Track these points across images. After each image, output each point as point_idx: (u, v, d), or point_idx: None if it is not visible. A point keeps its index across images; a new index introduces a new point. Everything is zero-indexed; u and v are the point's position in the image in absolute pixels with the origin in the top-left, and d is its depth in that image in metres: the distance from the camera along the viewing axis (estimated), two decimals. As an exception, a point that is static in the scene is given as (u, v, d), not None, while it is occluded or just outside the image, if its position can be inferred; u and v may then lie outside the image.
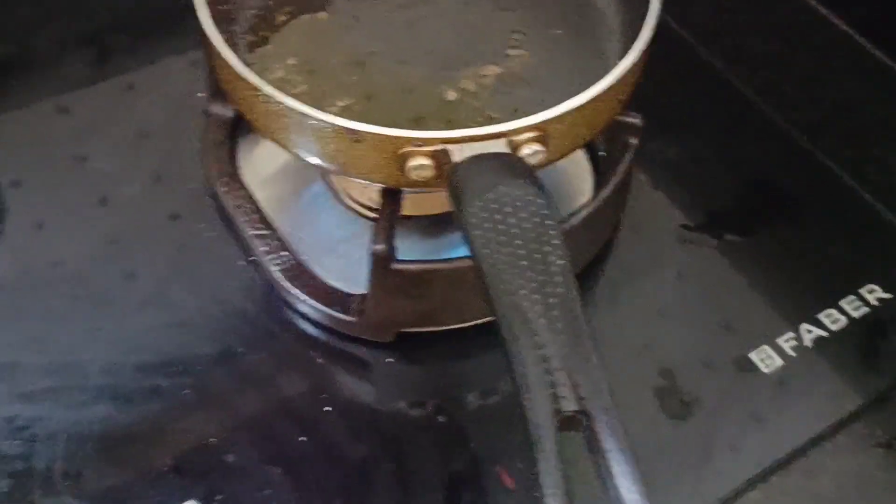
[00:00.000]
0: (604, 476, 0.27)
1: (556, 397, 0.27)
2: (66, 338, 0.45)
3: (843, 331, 0.47)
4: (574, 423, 0.28)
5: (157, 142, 0.53)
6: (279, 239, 0.47)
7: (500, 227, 0.32)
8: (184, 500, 0.39)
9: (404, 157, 0.37)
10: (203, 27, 0.40)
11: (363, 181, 0.42)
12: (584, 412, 0.27)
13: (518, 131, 0.37)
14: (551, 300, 0.30)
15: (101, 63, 0.57)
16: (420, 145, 0.37)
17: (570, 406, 0.27)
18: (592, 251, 0.48)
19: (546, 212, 0.32)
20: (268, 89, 0.38)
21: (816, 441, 0.43)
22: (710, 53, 0.59)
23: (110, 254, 0.48)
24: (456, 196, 0.33)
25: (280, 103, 0.38)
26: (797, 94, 0.57)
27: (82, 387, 0.43)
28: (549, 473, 0.26)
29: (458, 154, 0.36)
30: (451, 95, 0.44)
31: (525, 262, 0.31)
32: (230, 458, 0.41)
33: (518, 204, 0.32)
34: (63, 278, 0.47)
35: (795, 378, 0.45)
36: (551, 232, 0.31)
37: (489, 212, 0.32)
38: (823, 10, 0.61)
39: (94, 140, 0.53)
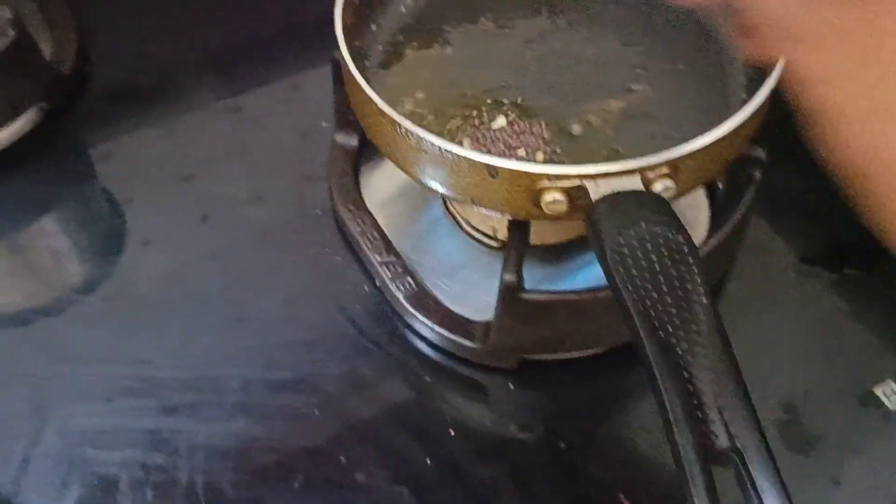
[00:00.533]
0: (756, 513, 0.27)
1: (707, 433, 0.28)
2: (205, 353, 0.47)
3: (969, 367, 0.46)
4: (725, 460, 0.28)
5: (282, 166, 0.55)
6: (403, 265, 0.49)
7: (642, 263, 0.33)
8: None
9: (539, 192, 0.39)
10: (345, 62, 0.42)
11: (492, 213, 0.43)
12: (735, 449, 0.28)
13: (652, 168, 0.38)
14: (697, 337, 0.30)
15: (221, 90, 0.60)
16: (555, 181, 0.38)
17: (721, 443, 0.28)
18: (710, 283, 0.48)
19: (686, 249, 0.33)
20: (407, 124, 0.40)
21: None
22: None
23: (244, 273, 0.50)
24: (596, 233, 0.34)
25: (420, 137, 0.40)
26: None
27: (220, 403, 0.45)
28: (702, 509, 0.26)
29: (595, 190, 0.37)
30: (577, 129, 0.45)
31: (669, 299, 0.31)
32: (360, 476, 0.43)
33: (659, 241, 0.33)
34: (202, 291, 0.50)
35: (920, 416, 0.45)
36: (693, 269, 0.32)
37: (631, 249, 0.33)
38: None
39: (240, 167, 0.56)
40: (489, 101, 0.46)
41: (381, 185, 0.54)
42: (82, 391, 0.46)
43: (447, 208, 0.52)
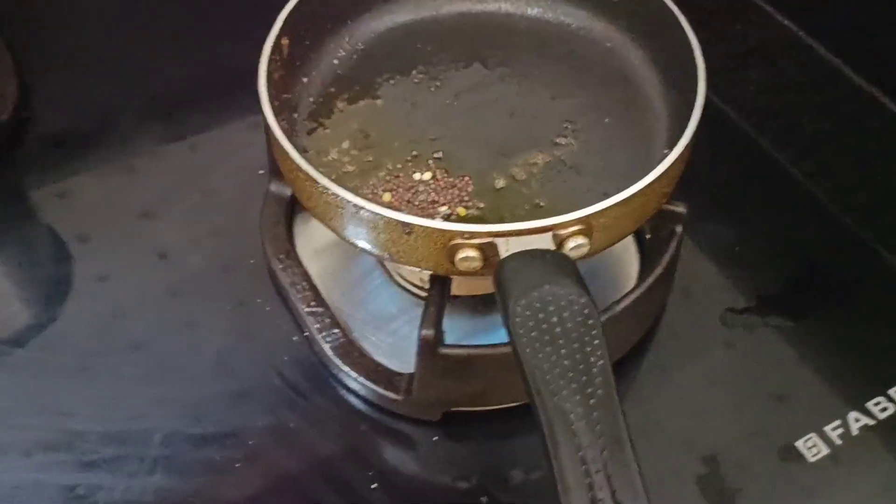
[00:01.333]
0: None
1: (594, 499, 0.28)
2: (130, 405, 0.47)
3: (891, 419, 0.47)
4: (611, 528, 0.28)
5: (217, 212, 0.55)
6: (331, 316, 0.49)
7: (543, 326, 0.33)
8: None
9: (453, 249, 0.39)
10: (266, 119, 0.43)
11: (413, 268, 0.43)
12: (620, 516, 0.28)
13: (563, 225, 0.38)
14: (592, 401, 0.30)
15: (169, 131, 0.60)
16: (468, 238, 0.38)
17: (607, 509, 0.28)
18: (637, 335, 0.49)
19: (588, 311, 0.33)
20: (325, 182, 0.40)
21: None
22: (759, 135, 0.59)
23: (173, 319, 0.50)
24: (501, 294, 0.35)
25: (336, 194, 0.40)
26: (848, 178, 0.57)
27: (141, 457, 0.45)
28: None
29: (505, 248, 0.38)
30: (501, 183, 0.46)
31: (567, 363, 0.32)
32: (279, 532, 0.43)
33: (562, 304, 0.33)
34: (127, 342, 0.49)
35: (842, 468, 0.45)
36: (593, 332, 0.32)
37: (533, 310, 0.33)
38: (876, 92, 0.61)
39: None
40: (415, 153, 0.47)
41: (314, 236, 0.54)
42: (2, 443, 0.45)
43: (379, 260, 0.52)
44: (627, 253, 0.52)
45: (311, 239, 0.53)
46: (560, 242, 0.39)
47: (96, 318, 0.51)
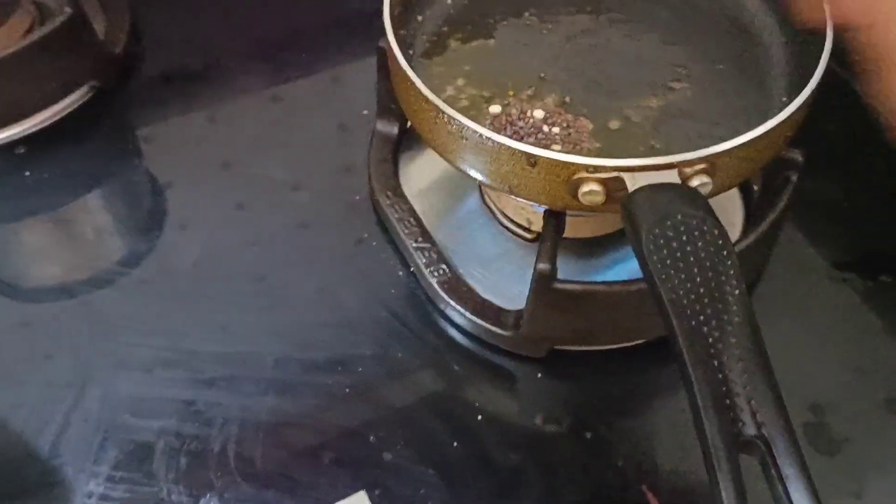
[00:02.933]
0: (780, 500, 0.28)
1: (734, 421, 0.29)
2: (242, 329, 0.48)
3: None
4: (751, 448, 0.29)
5: (324, 151, 0.56)
6: (438, 252, 0.50)
7: (677, 254, 0.33)
8: (348, 491, 0.42)
9: (577, 183, 0.39)
10: (392, 50, 0.43)
11: (530, 203, 0.44)
12: (761, 437, 0.29)
13: (690, 163, 0.38)
14: (729, 327, 0.31)
15: (267, 77, 0.61)
16: (594, 172, 0.39)
17: (749, 430, 0.29)
18: (748, 279, 0.48)
19: (721, 241, 0.34)
20: (450, 111, 0.41)
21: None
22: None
23: (282, 255, 0.52)
24: (633, 223, 0.35)
25: (462, 124, 0.41)
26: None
27: (255, 378, 0.46)
28: (728, 496, 0.27)
29: (632, 182, 0.38)
30: (615, 124, 0.46)
31: (703, 290, 0.32)
32: (388, 455, 0.44)
33: (695, 233, 0.34)
34: (242, 272, 0.51)
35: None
36: (728, 261, 0.33)
37: (667, 239, 0.34)
38: None
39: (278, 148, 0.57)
40: (529, 92, 0.47)
41: (419, 175, 0.55)
42: (122, 361, 0.47)
43: (484, 200, 0.53)
44: (732, 203, 0.52)
45: (416, 179, 0.54)
46: (685, 180, 0.39)
47: (213, 248, 0.52)
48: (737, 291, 0.32)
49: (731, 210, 0.52)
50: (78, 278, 0.52)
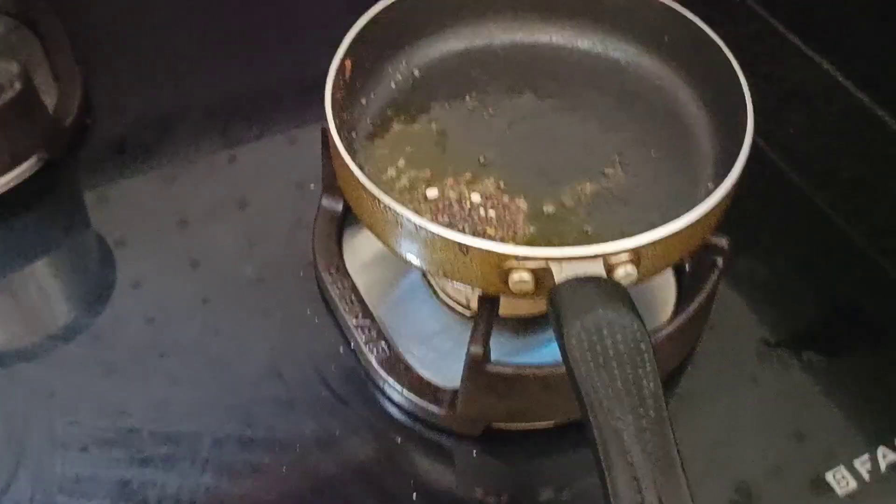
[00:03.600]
0: None
1: (645, 519, 0.30)
2: (183, 407, 0.48)
3: (919, 458, 0.48)
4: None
5: (269, 226, 0.57)
6: (378, 329, 0.51)
7: (597, 349, 0.34)
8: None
9: (507, 271, 0.41)
10: (330, 134, 0.45)
11: (460, 287, 0.45)
12: (671, 535, 0.30)
13: (615, 253, 0.40)
14: (644, 422, 0.32)
15: (225, 143, 0.62)
16: (523, 261, 0.40)
17: (658, 528, 0.29)
18: (672, 365, 0.50)
19: (640, 337, 0.35)
20: (386, 199, 0.42)
21: (889, 570, 0.44)
22: (800, 177, 0.61)
23: (227, 330, 0.52)
24: (556, 317, 0.36)
25: (396, 212, 0.42)
26: (886, 222, 0.58)
27: (193, 457, 0.47)
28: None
29: (558, 271, 0.39)
30: (550, 209, 0.47)
31: (620, 385, 0.33)
32: (323, 536, 0.44)
33: (615, 328, 0.35)
34: (181, 349, 0.51)
35: (868, 502, 0.46)
36: (646, 356, 0.34)
37: (588, 334, 0.35)
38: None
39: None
40: (468, 176, 0.48)
41: (363, 250, 0.56)
42: (58, 438, 0.47)
43: (425, 277, 0.54)
44: (666, 284, 0.53)
45: (359, 253, 0.55)
46: (610, 269, 0.40)
47: (149, 322, 0.52)
48: (653, 387, 0.33)
49: (665, 291, 0.53)
50: (19, 348, 0.52)
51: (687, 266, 0.53)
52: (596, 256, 0.40)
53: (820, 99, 0.66)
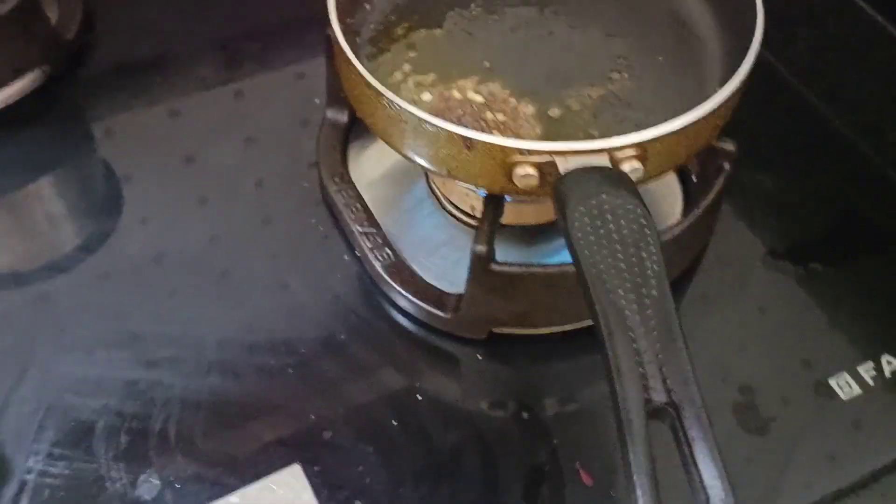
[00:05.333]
0: (687, 463, 0.29)
1: (646, 388, 0.30)
2: (187, 313, 0.49)
3: (924, 365, 0.48)
4: (662, 414, 0.30)
5: (272, 138, 0.57)
6: (383, 237, 0.51)
7: (601, 231, 0.34)
8: (283, 467, 0.43)
9: (512, 166, 0.40)
10: (335, 37, 0.44)
11: (468, 186, 0.45)
12: (671, 403, 0.30)
13: (620, 148, 0.40)
14: (646, 300, 0.32)
15: (223, 69, 0.62)
16: (528, 155, 0.40)
17: (659, 397, 0.30)
18: (678, 270, 0.50)
19: (644, 221, 0.35)
20: (390, 95, 0.42)
21: (889, 469, 0.44)
22: (808, 90, 0.60)
23: (231, 240, 0.52)
24: (560, 202, 0.36)
25: (400, 107, 0.41)
26: (892, 134, 0.58)
27: (198, 359, 0.47)
28: (638, 458, 0.28)
29: (563, 165, 0.39)
30: (555, 112, 0.47)
31: (623, 265, 0.33)
32: (327, 434, 0.45)
33: (619, 212, 0.35)
34: (186, 258, 0.51)
35: (872, 407, 0.46)
36: (649, 239, 0.34)
37: (591, 217, 0.35)
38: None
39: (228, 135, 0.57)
40: (473, 80, 0.48)
41: (368, 166, 0.55)
42: (65, 342, 0.47)
43: (430, 188, 0.54)
44: (672, 193, 0.53)
45: (365, 169, 0.55)
46: (616, 164, 0.40)
47: (151, 230, 0.52)
48: (656, 267, 0.33)
49: (671, 198, 0.53)
50: (27, 263, 0.52)
51: (693, 176, 0.53)
52: (602, 150, 0.39)
53: (830, 14, 0.65)
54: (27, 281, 0.51)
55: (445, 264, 0.51)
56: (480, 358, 0.48)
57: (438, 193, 0.53)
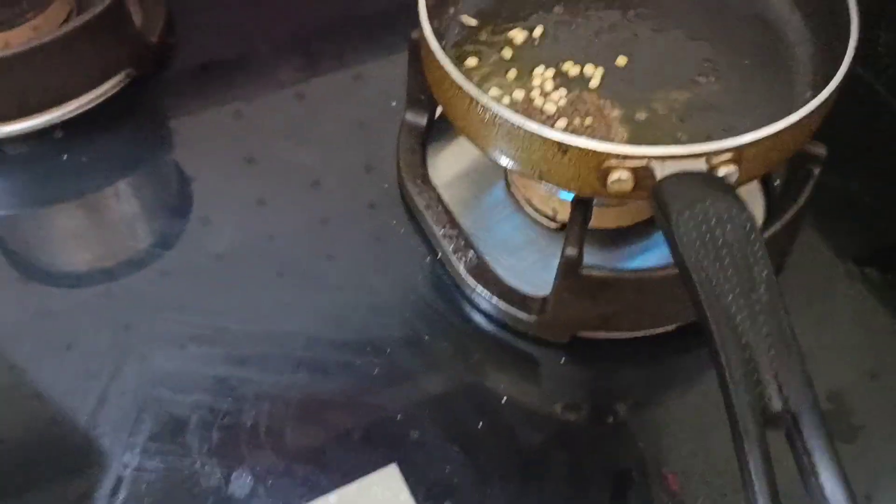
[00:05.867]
0: (806, 472, 0.29)
1: (762, 395, 0.30)
2: (275, 311, 0.50)
3: None
4: (778, 422, 0.30)
5: (352, 141, 0.58)
6: (465, 238, 0.51)
7: (707, 237, 0.34)
8: (376, 465, 0.43)
9: (607, 171, 0.40)
10: (427, 40, 0.45)
11: (558, 189, 0.45)
12: (789, 411, 0.30)
13: (717, 153, 0.40)
14: (757, 307, 0.32)
15: (306, 64, 0.63)
16: (623, 160, 0.40)
17: (776, 405, 0.30)
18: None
19: (749, 225, 0.35)
20: (484, 99, 0.42)
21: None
22: (890, 94, 0.59)
23: (316, 238, 0.53)
24: (664, 208, 0.36)
25: (494, 112, 0.42)
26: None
27: (287, 356, 0.48)
28: (757, 469, 0.28)
29: (660, 170, 0.39)
30: (642, 116, 0.47)
31: (731, 271, 0.33)
32: (415, 433, 0.45)
33: (724, 217, 0.35)
34: (273, 256, 0.52)
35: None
36: (756, 244, 0.34)
37: (697, 223, 0.35)
38: None
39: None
40: (558, 82, 0.48)
41: (446, 167, 0.56)
42: (159, 337, 0.48)
43: (510, 189, 0.54)
44: (753, 199, 0.53)
45: (443, 170, 0.55)
46: (711, 169, 0.40)
47: (238, 237, 0.53)
48: (764, 272, 0.33)
49: (752, 203, 0.53)
50: (112, 260, 0.53)
51: (776, 181, 0.52)
52: (699, 155, 0.39)
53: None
54: (114, 276, 0.52)
55: (525, 266, 0.51)
56: (564, 361, 0.48)
57: (518, 195, 0.53)
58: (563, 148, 0.41)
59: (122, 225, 0.56)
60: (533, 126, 0.41)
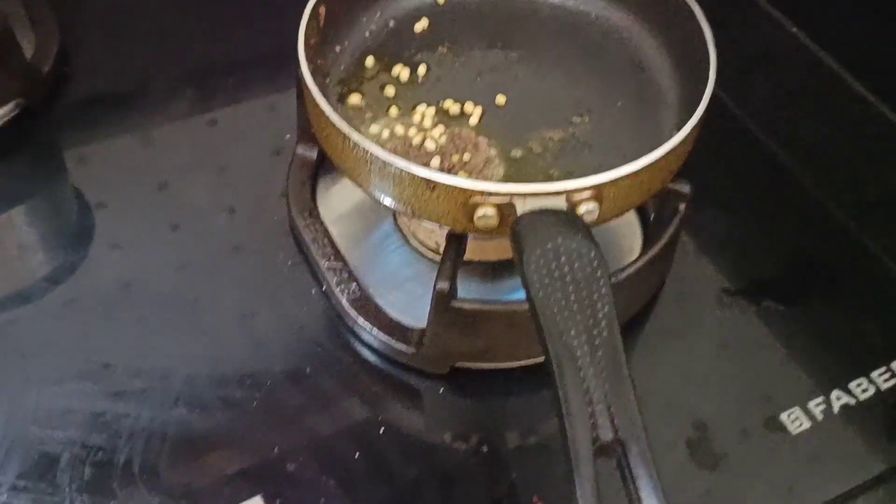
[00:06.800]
0: (633, 499, 0.30)
1: (594, 426, 0.31)
2: (157, 345, 0.49)
3: (870, 400, 0.50)
4: (609, 451, 0.31)
5: (241, 176, 0.58)
6: (349, 272, 0.52)
7: (555, 273, 0.36)
8: (248, 498, 0.43)
9: (473, 207, 0.42)
10: (304, 77, 0.46)
11: (432, 224, 0.46)
12: (619, 441, 0.31)
13: (577, 191, 0.41)
14: (597, 341, 0.33)
15: (197, 103, 0.63)
16: (488, 196, 0.41)
17: (606, 435, 0.31)
18: (635, 308, 0.51)
19: (597, 264, 0.36)
20: (355, 136, 0.43)
21: (837, 502, 0.46)
22: (764, 134, 0.62)
23: (199, 273, 0.53)
24: (517, 244, 0.37)
25: (365, 149, 0.43)
26: (843, 179, 0.60)
27: (166, 391, 0.48)
28: (585, 494, 0.29)
29: (522, 206, 0.40)
30: (517, 153, 0.49)
31: (576, 307, 0.35)
32: (291, 466, 0.45)
33: (573, 255, 0.36)
34: (154, 291, 0.52)
35: (822, 441, 0.48)
36: (601, 282, 0.35)
37: (547, 260, 0.36)
38: (875, 101, 0.65)
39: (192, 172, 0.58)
40: (438, 120, 0.49)
41: (337, 201, 0.57)
42: (33, 374, 0.48)
43: (397, 223, 0.55)
44: (632, 231, 0.55)
45: (333, 205, 0.56)
46: (572, 206, 0.41)
47: (126, 262, 0.53)
48: (606, 308, 0.34)
49: (630, 236, 0.55)
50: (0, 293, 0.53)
51: (651, 215, 0.54)
52: (559, 193, 0.41)
53: (786, 62, 0.68)
54: (2, 310, 0.51)
55: (411, 299, 0.52)
56: (442, 392, 0.49)
57: (405, 229, 0.55)
58: (431, 185, 0.42)
59: (11, 258, 0.56)
60: (401, 163, 0.42)
